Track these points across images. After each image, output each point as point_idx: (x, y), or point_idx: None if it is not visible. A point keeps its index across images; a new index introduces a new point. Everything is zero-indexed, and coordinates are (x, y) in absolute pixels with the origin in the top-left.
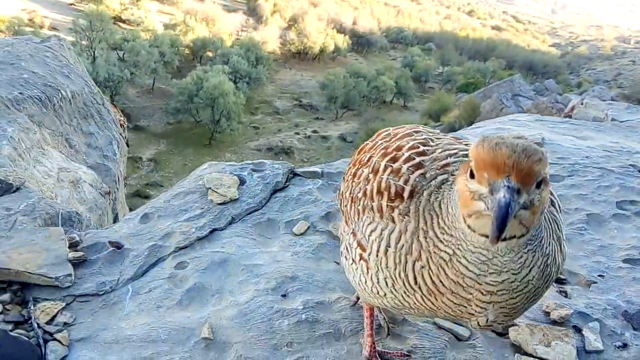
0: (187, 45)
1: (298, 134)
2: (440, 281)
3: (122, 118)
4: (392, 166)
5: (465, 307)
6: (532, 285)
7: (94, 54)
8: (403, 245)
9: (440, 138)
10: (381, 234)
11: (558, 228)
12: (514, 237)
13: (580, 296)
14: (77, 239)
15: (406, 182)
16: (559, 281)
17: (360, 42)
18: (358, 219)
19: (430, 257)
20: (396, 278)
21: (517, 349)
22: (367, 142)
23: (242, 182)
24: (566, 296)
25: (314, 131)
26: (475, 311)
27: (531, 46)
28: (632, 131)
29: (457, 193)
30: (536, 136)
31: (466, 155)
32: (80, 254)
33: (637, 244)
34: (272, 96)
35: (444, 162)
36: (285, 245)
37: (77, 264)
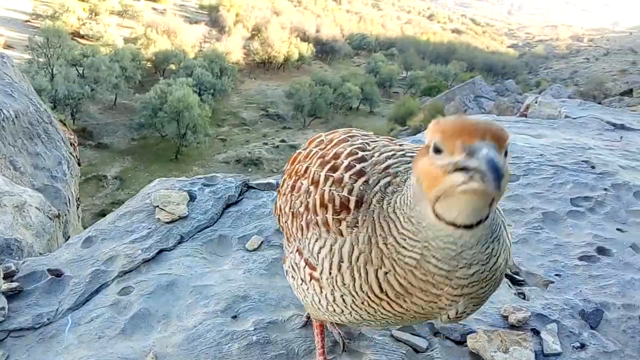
0: (149, 59)
1: (266, 144)
2: (409, 283)
3: (72, 136)
4: (333, 176)
5: (436, 302)
6: (499, 272)
7: (52, 71)
8: (359, 257)
9: (376, 140)
10: (331, 249)
11: (500, 212)
12: (480, 222)
13: (538, 297)
14: (13, 268)
15: (350, 192)
16: (517, 282)
17: (324, 50)
18: (302, 235)
19: (395, 262)
20: (357, 293)
21: (476, 357)
22: (300, 150)
23: (192, 198)
24: (524, 298)
25: (282, 140)
26: (446, 304)
27: (490, 48)
28: (585, 127)
29: (417, 181)
30: None
31: (404, 155)
32: (15, 284)
33: (592, 241)
34: (239, 107)
35: (384, 165)
36: (237, 262)
37: (12, 295)
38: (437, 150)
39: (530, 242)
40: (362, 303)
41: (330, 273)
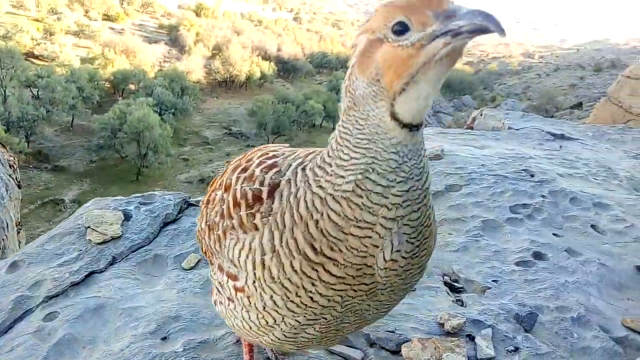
0: (107, 79)
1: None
2: (344, 216)
3: (11, 158)
4: (244, 175)
5: (371, 236)
6: (427, 199)
7: (4, 92)
8: (282, 237)
9: (288, 148)
10: (251, 247)
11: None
12: (420, 125)
13: (475, 303)
14: None
15: (262, 183)
16: (456, 290)
17: (286, 68)
18: (220, 246)
19: (328, 201)
20: (289, 280)
21: None
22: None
23: (127, 217)
24: (462, 305)
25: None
26: (380, 236)
27: None
28: (527, 137)
29: (371, 80)
30: (436, 148)
31: (310, 154)
32: None
33: (529, 246)
34: (201, 126)
35: (296, 154)
36: (171, 282)
37: None
38: (400, 31)
39: (470, 250)
40: (297, 295)
41: (255, 274)
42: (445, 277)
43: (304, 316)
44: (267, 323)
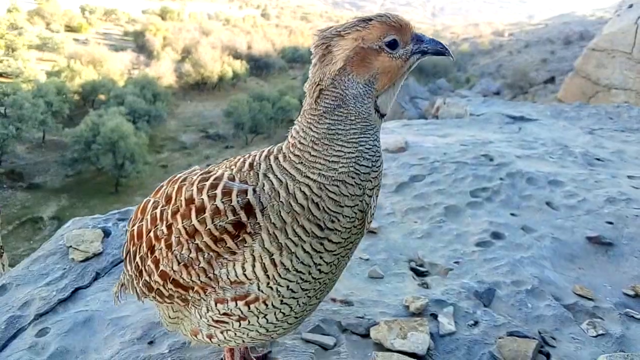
0: (75, 91)
1: (210, 165)
2: (342, 193)
3: None
4: (203, 215)
5: (358, 204)
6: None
7: None
8: (285, 232)
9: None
10: (254, 257)
11: None
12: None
13: (439, 285)
14: None
15: (234, 211)
16: (421, 274)
17: (258, 66)
18: (210, 277)
19: (325, 188)
20: (302, 265)
21: (379, 346)
22: (133, 222)
23: (107, 234)
24: (427, 287)
25: (226, 160)
26: (366, 202)
27: None
28: (487, 122)
29: (366, 82)
30: (400, 141)
31: (233, 165)
32: None
33: (488, 227)
34: (177, 131)
35: (246, 162)
36: None
37: None
38: (393, 46)
39: (434, 235)
40: (309, 273)
41: (268, 276)
42: (411, 263)
43: (314, 289)
44: (284, 315)
